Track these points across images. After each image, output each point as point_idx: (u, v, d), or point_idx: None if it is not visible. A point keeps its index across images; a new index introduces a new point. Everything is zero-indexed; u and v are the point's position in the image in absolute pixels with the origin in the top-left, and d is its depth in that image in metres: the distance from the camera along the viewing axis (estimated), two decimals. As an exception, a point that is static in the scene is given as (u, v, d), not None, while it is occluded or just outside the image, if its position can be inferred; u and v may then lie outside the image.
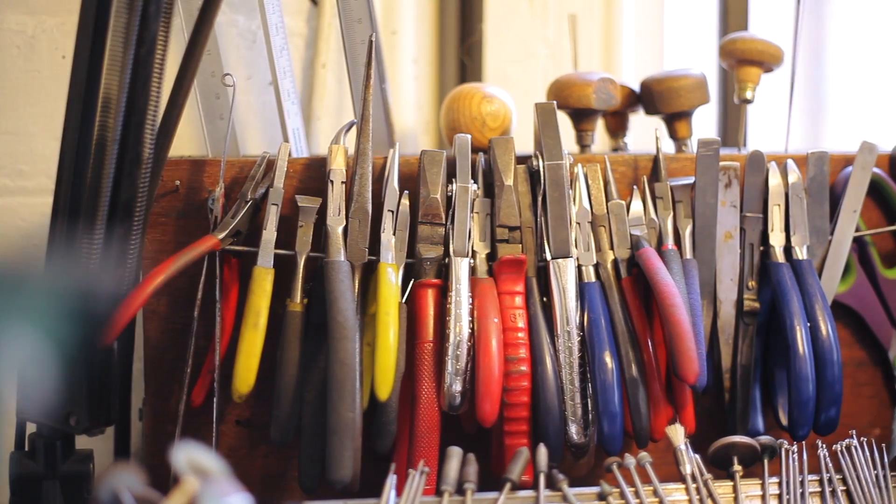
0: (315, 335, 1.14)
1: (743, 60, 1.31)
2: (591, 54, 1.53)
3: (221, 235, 1.14)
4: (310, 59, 1.40)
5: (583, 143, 1.33)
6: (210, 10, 1.09)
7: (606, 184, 1.22)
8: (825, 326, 1.18)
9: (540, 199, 1.18)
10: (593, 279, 1.18)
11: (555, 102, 1.19)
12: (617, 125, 1.41)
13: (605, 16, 1.55)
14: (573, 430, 1.13)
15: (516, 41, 1.52)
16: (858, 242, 1.31)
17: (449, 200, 1.17)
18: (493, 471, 1.17)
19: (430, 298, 1.16)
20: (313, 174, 1.20)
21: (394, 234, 1.16)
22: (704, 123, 1.61)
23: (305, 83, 1.41)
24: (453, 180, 1.17)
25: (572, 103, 1.28)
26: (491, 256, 1.18)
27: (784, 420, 1.26)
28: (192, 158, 1.20)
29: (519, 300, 1.16)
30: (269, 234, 1.15)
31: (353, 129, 1.17)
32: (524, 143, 1.24)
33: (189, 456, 0.86)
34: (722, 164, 1.24)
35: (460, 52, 1.50)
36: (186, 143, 1.33)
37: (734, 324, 1.25)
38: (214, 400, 1.16)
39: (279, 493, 1.21)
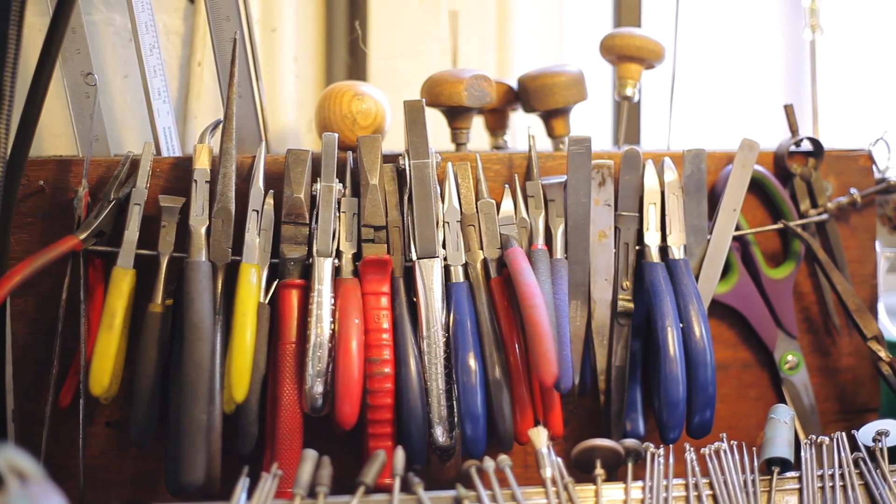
0: (180, 336, 1.12)
1: (623, 57, 1.29)
2: (484, 52, 1.52)
3: (83, 236, 1.13)
4: (186, 58, 1.39)
5: (458, 142, 1.31)
6: (64, 9, 1.08)
7: (478, 182, 1.21)
8: (698, 327, 1.16)
9: (406, 198, 1.17)
10: (461, 279, 1.16)
11: (423, 100, 1.17)
12: (496, 123, 1.39)
13: (499, 13, 1.53)
14: (438, 432, 1.12)
15: (405, 38, 1.50)
16: (741, 242, 1.28)
17: (314, 200, 1.16)
18: (364, 474, 1.16)
19: (293, 299, 1.14)
20: (181, 174, 1.18)
21: (258, 234, 1.15)
22: (599, 123, 1.59)
23: (182, 81, 1.39)
24: (318, 179, 1.16)
25: (444, 101, 1.26)
26: (357, 256, 1.16)
27: (664, 423, 1.24)
28: (59, 158, 1.19)
29: (384, 301, 1.14)
30: (131, 234, 1.14)
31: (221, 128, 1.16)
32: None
33: (7, 458, 0.85)
34: (595, 162, 1.22)
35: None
36: (63, 142, 1.32)
37: (609, 325, 1.22)
38: (81, 401, 1.15)
39: (149, 495, 1.20)
